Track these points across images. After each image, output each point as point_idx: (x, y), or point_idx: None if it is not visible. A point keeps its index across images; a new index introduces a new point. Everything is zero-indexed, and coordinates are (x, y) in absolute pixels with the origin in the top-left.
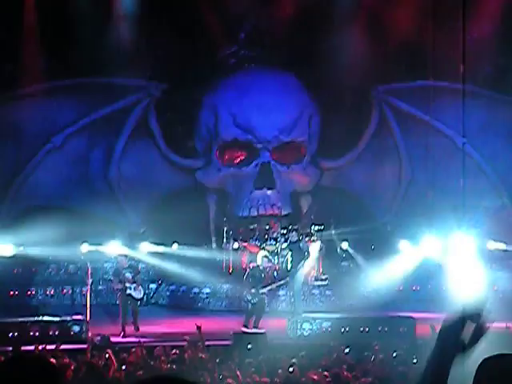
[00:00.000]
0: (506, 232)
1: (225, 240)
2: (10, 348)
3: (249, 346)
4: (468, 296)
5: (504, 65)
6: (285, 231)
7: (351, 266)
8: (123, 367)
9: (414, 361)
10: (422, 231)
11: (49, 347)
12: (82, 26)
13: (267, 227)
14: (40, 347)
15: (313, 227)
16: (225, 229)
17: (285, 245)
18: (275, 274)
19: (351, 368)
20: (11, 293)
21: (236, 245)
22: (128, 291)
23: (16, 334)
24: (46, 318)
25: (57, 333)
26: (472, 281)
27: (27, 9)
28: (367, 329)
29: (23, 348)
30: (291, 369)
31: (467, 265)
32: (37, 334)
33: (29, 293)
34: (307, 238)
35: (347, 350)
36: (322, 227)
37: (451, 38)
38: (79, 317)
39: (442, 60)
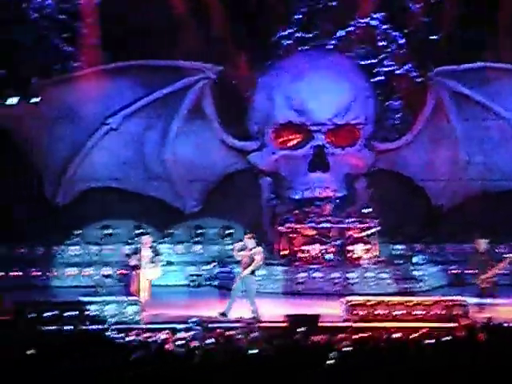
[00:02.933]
0: None
1: (278, 222)
2: (71, 327)
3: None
4: None
5: None
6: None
7: (406, 248)
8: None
9: None
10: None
11: None
12: (138, 8)
13: (320, 210)
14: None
15: (366, 210)
16: (278, 211)
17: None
18: (327, 256)
19: None
20: (68, 272)
21: (290, 227)
22: (143, 270)
23: (75, 312)
24: (100, 299)
25: (113, 313)
26: None
27: None
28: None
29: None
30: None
31: None
32: (93, 313)
33: (86, 273)
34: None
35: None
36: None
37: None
38: (134, 298)
39: (500, 40)
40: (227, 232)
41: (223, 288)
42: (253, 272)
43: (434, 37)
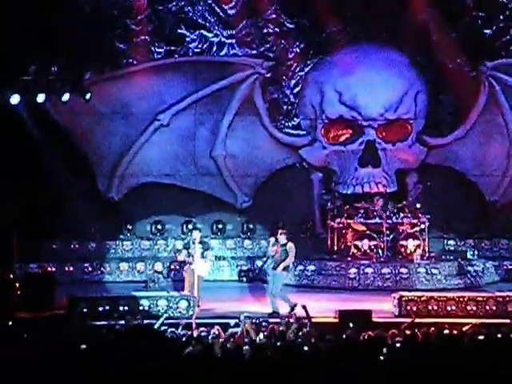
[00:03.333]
0: None
1: (329, 217)
2: (124, 322)
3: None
4: None
5: None
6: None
7: (458, 244)
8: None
9: None
10: None
11: None
12: (191, 4)
13: (371, 205)
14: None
15: (417, 205)
16: (329, 206)
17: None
18: (380, 252)
19: None
20: (121, 268)
21: (340, 222)
22: (192, 266)
23: (126, 308)
24: (153, 294)
25: (165, 308)
26: None
27: None
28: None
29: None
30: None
31: None
32: (146, 308)
33: (138, 268)
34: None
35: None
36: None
37: None
38: (186, 293)
39: None
40: (277, 227)
41: None
42: (285, 268)
43: (487, 30)
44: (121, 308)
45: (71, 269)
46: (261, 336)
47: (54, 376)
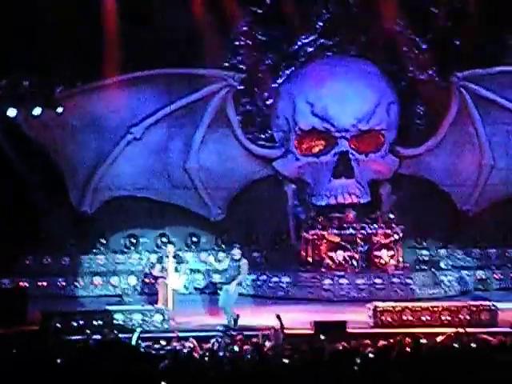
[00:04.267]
0: None
1: (303, 229)
2: (98, 336)
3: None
4: None
5: None
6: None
7: (432, 253)
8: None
9: None
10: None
11: None
12: (161, 16)
13: (345, 216)
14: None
15: (390, 216)
16: (303, 218)
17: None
18: (354, 262)
19: None
20: (95, 282)
21: (314, 234)
22: (166, 281)
23: (102, 322)
24: (127, 308)
25: (140, 321)
26: None
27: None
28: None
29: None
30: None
31: None
32: (120, 322)
33: (112, 282)
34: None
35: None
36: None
37: None
38: (161, 306)
39: None
40: (252, 239)
41: (249, 296)
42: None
43: (457, 41)
44: (95, 322)
45: (44, 284)
46: (235, 348)
47: None
